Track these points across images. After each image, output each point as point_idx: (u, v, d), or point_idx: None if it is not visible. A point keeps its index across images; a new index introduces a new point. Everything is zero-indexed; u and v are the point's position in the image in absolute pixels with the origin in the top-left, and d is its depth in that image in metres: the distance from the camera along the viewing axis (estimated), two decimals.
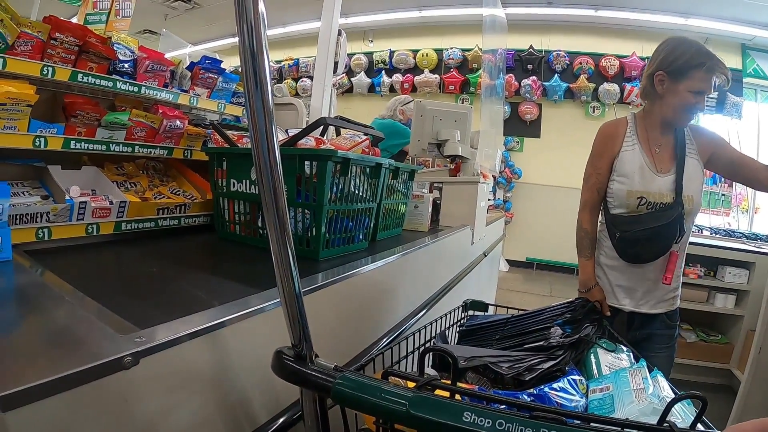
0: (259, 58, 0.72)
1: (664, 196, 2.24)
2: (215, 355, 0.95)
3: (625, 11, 9.11)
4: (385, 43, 11.16)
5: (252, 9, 0.71)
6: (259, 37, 0.72)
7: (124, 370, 0.74)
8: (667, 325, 2.40)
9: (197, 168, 2.29)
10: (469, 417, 0.69)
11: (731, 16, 8.50)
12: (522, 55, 10.03)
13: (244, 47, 0.72)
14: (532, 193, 10.19)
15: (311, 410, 0.92)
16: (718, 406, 3.89)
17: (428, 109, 3.16)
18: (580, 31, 9.84)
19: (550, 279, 9.36)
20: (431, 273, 2.45)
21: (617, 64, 9.44)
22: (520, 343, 1.54)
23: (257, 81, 0.73)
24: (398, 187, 2.34)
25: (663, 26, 9.06)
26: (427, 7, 10.14)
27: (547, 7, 9.46)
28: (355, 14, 10.39)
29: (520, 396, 1.13)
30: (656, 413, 0.80)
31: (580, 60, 9.69)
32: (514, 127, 10.18)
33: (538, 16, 9.73)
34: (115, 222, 1.73)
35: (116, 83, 1.88)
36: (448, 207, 3.23)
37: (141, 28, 10.30)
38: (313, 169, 1.68)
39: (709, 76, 2.15)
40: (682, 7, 8.59)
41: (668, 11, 8.79)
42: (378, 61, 11.11)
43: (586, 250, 2.49)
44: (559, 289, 8.34)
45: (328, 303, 1.38)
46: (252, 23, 0.71)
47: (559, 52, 9.84)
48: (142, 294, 1.20)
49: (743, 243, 5.21)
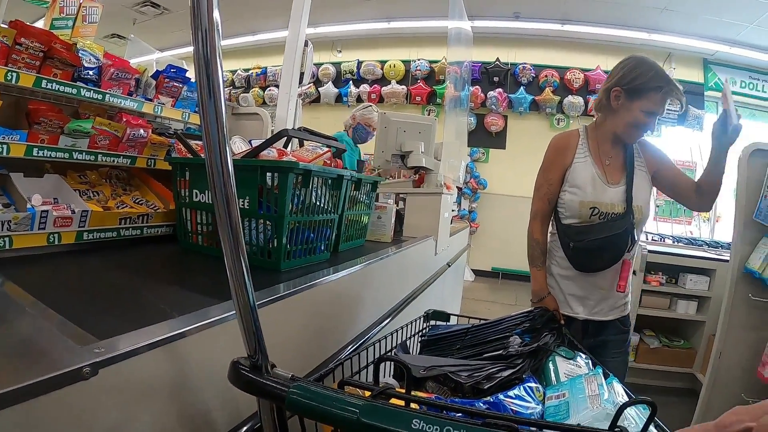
0: (212, 66, 0.72)
1: (615, 206, 2.29)
2: (175, 366, 0.95)
3: (591, 26, 9.30)
4: (354, 53, 11.18)
5: (206, 16, 0.71)
6: (213, 45, 0.72)
7: (83, 381, 0.74)
8: (621, 330, 2.45)
9: (161, 177, 2.27)
10: (417, 425, 0.70)
11: (694, 32, 8.75)
12: (488, 68, 10.15)
13: (198, 55, 0.72)
14: (498, 204, 10.27)
15: (269, 420, 0.93)
16: (681, 409, 3.98)
17: (392, 121, 3.19)
18: (547, 45, 10.01)
19: (516, 288, 9.42)
20: (394, 283, 2.47)
21: (582, 78, 9.62)
22: (479, 353, 1.57)
23: (210, 89, 0.72)
24: (361, 198, 2.35)
25: (627, 41, 9.28)
26: (396, 18, 10.19)
27: (514, 21, 9.60)
28: (324, 24, 10.39)
29: (476, 404, 1.15)
30: (609, 418, 0.83)
31: (546, 73, 9.85)
32: (479, 138, 10.27)
33: (505, 29, 9.87)
34: (77, 231, 1.72)
35: (80, 90, 1.87)
36: (412, 218, 3.24)
37: (109, 32, 10.18)
38: (274, 180, 1.69)
39: (664, 99, 2.22)
40: (647, 22, 8.81)
41: (633, 27, 9.02)
42: (346, 71, 11.12)
43: (537, 260, 2.51)
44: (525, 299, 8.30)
45: (290, 313, 1.39)
46: (207, 30, 0.71)
47: (525, 65, 9.97)
48: (103, 305, 1.19)
49: (704, 251, 5.33)
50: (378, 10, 9.94)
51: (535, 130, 10.06)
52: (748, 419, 0.54)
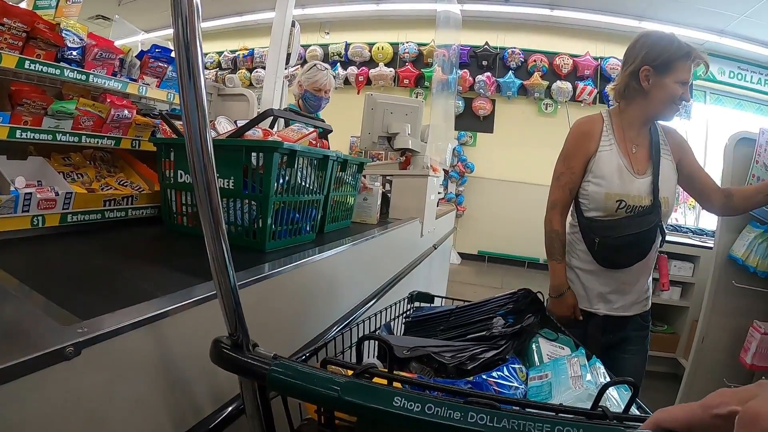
0: (192, 49, 0.71)
1: (643, 198, 2.22)
2: (158, 345, 0.95)
3: (581, 11, 9.33)
4: (342, 35, 11.16)
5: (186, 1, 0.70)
6: (193, 28, 0.71)
7: (66, 361, 0.74)
8: (641, 326, 2.39)
9: (145, 159, 2.25)
10: (399, 402, 0.71)
11: (684, 21, 8.77)
12: (477, 52, 10.16)
13: (178, 39, 0.71)
14: (485, 188, 10.32)
15: (251, 399, 0.93)
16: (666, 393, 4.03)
17: (379, 102, 3.18)
18: (536, 30, 10.03)
19: (502, 272, 9.50)
20: (380, 264, 2.47)
21: (570, 63, 9.65)
22: (463, 334, 1.57)
23: (190, 73, 0.72)
24: (347, 179, 2.35)
25: (617, 28, 9.33)
26: (384, 0, 10.14)
27: (503, 5, 9.61)
28: (312, 5, 10.35)
29: (459, 384, 1.16)
30: (591, 399, 0.83)
31: (535, 58, 9.88)
32: (467, 122, 10.29)
33: (494, 13, 9.87)
34: (61, 214, 1.70)
35: (64, 71, 1.84)
36: (398, 200, 3.24)
37: (94, 13, 10.04)
38: (259, 160, 1.68)
39: (691, 65, 2.18)
40: (637, 10, 8.83)
41: (623, 14, 9.05)
42: (333, 53, 11.10)
43: (556, 253, 2.40)
44: (510, 282, 8.45)
45: (274, 294, 1.39)
46: (186, 14, 0.70)
47: (514, 50, 9.99)
48: (88, 286, 1.18)
49: (689, 238, 5.40)
50: None
51: (523, 114, 10.10)
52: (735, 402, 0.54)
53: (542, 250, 2.46)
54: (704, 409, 0.57)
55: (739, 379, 3.24)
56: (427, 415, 0.69)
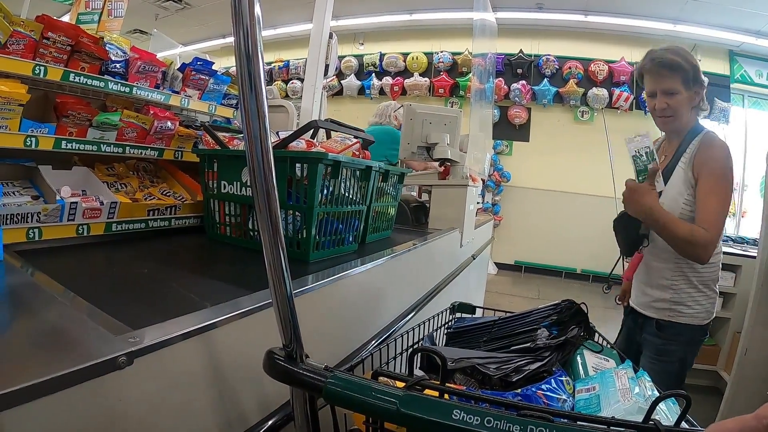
0: (254, 61, 0.72)
1: None
2: (207, 356, 0.95)
3: (614, 17, 9.21)
4: (376, 45, 11.20)
5: (248, 12, 0.71)
6: (255, 40, 0.72)
7: (119, 370, 0.74)
8: (656, 335, 2.34)
9: (187, 169, 2.28)
10: (458, 415, 0.70)
11: (719, 23, 8.62)
12: (512, 59, 10.09)
13: (240, 50, 0.72)
14: (521, 197, 10.25)
15: (302, 410, 0.93)
16: (706, 407, 3.95)
17: (418, 113, 3.17)
18: (570, 36, 9.93)
19: (539, 282, 9.41)
20: (420, 275, 2.46)
21: (606, 69, 9.52)
22: (507, 345, 1.56)
23: (252, 84, 0.72)
24: (388, 189, 2.35)
25: (652, 32, 9.18)
26: (418, 10, 10.18)
27: (537, 12, 9.53)
28: (346, 17, 10.42)
29: (507, 396, 1.14)
30: (642, 412, 0.82)
31: (570, 65, 9.77)
32: (503, 130, 10.23)
33: (528, 20, 9.80)
34: (105, 223, 1.73)
35: (108, 84, 1.87)
36: (437, 210, 3.23)
37: (131, 27, 10.26)
38: (303, 171, 1.69)
39: (642, 76, 2.31)
40: (671, 13, 8.69)
41: (657, 17, 8.90)
42: (368, 63, 11.14)
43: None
44: (547, 293, 8.38)
45: (318, 305, 1.39)
46: (248, 26, 0.71)
47: (549, 57, 9.90)
48: (134, 295, 1.20)
49: (730, 246, 5.30)
50: (400, 3, 9.95)
51: (558, 122, 10.01)
52: None
53: (579, 259, 2.58)
54: (759, 419, 0.57)
55: None
56: (486, 428, 0.69)
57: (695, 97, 2.24)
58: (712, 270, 2.27)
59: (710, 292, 2.27)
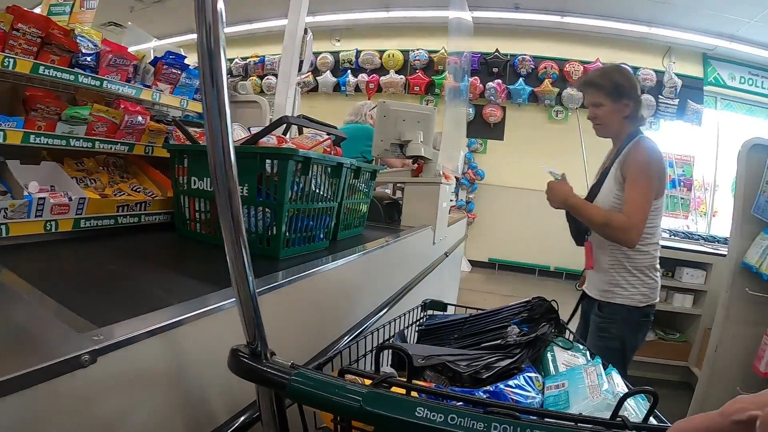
0: (215, 57, 0.72)
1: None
2: (174, 354, 0.94)
3: (591, 18, 9.31)
4: (352, 42, 11.16)
5: (211, 8, 0.70)
6: (217, 36, 0.71)
7: (82, 369, 0.74)
8: (597, 314, 2.63)
9: (158, 165, 2.25)
10: (421, 412, 0.70)
11: (694, 26, 8.77)
12: (488, 59, 10.13)
13: (202, 47, 0.71)
14: (495, 195, 10.30)
15: (268, 408, 0.92)
16: (677, 403, 4.05)
17: (392, 110, 3.17)
18: (546, 37, 10.00)
19: (512, 280, 9.47)
20: (392, 272, 2.47)
21: (581, 70, 9.60)
22: (477, 342, 1.57)
23: (213, 80, 0.72)
24: (360, 186, 2.35)
25: (627, 34, 9.33)
26: (395, 7, 10.17)
27: (514, 12, 9.59)
28: (323, 13, 10.37)
29: (476, 393, 1.15)
30: (610, 408, 0.83)
31: (545, 64, 9.84)
32: (477, 129, 10.28)
33: (505, 20, 9.86)
34: (74, 219, 1.70)
35: (78, 77, 1.84)
36: (410, 207, 3.24)
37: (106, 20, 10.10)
38: (274, 167, 1.68)
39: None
40: (646, 16, 8.81)
41: (632, 20, 9.04)
42: (344, 60, 11.10)
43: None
44: (521, 290, 8.43)
45: (287, 302, 1.39)
46: (211, 22, 0.70)
47: (525, 57, 9.96)
48: (101, 292, 1.18)
49: (701, 245, 5.39)
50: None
51: (533, 121, 10.08)
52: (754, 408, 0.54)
53: (552, 257, 2.75)
54: (724, 416, 0.58)
55: (753, 388, 3.19)
56: (449, 425, 0.69)
57: (625, 108, 2.56)
58: (644, 257, 2.55)
59: (645, 277, 2.55)
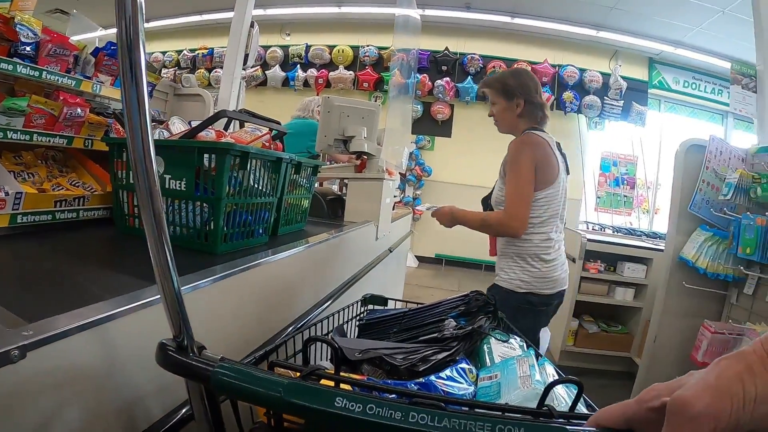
0: (135, 50, 0.71)
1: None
2: (107, 349, 0.94)
3: (540, 20, 9.50)
4: (302, 37, 11.12)
5: (130, 1, 0.69)
6: (137, 29, 0.70)
7: (11, 364, 0.73)
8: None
9: (98, 159, 2.21)
10: (341, 402, 0.71)
11: (640, 31, 9.05)
12: (437, 57, 10.23)
13: (121, 39, 0.70)
14: (442, 191, 10.40)
15: (198, 402, 0.93)
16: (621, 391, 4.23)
17: (336, 105, 3.18)
18: (496, 37, 10.16)
19: (459, 275, 9.58)
20: (334, 267, 2.48)
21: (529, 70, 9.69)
22: (415, 336, 1.58)
23: (133, 74, 0.71)
24: (301, 181, 2.35)
25: (575, 36, 9.57)
26: (346, 3, 10.16)
27: (465, 11, 9.68)
28: (273, 6, 10.30)
29: (408, 385, 1.18)
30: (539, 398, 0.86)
31: (494, 64, 9.99)
32: (425, 126, 10.36)
33: (455, 19, 9.97)
34: (10, 214, 1.66)
35: (17, 66, 1.80)
36: (353, 203, 3.25)
37: (52, 7, 9.79)
38: (212, 162, 1.67)
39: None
40: (595, 19, 9.03)
41: (581, 23, 9.26)
42: (294, 55, 11.06)
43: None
44: (467, 285, 8.49)
45: (225, 297, 1.39)
46: (130, 15, 0.69)
47: (474, 56, 10.08)
48: (35, 289, 1.17)
49: (642, 241, 5.55)
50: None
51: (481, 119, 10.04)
52: (666, 394, 0.57)
53: None
54: (639, 403, 0.61)
55: None
56: (368, 415, 0.70)
57: (516, 107, 2.80)
58: (528, 245, 2.73)
59: (526, 264, 2.74)
